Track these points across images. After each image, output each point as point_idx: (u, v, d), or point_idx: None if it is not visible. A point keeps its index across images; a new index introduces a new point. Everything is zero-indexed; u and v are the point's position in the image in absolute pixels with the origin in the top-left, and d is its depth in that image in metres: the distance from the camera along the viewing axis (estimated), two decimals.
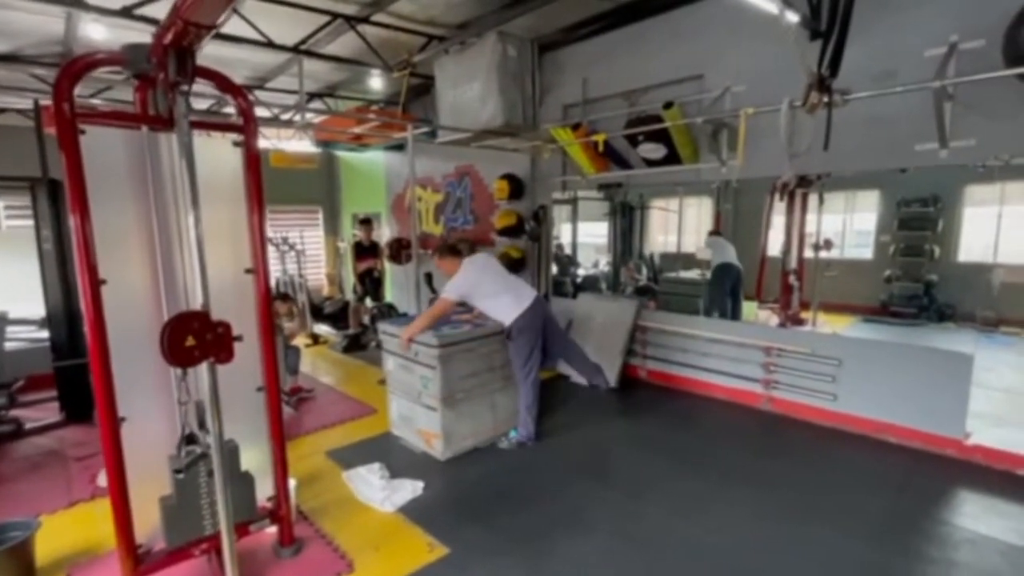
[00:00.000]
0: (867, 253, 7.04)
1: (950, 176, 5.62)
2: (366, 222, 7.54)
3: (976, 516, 2.85)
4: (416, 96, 7.05)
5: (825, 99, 2.97)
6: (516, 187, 6.18)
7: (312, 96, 7.56)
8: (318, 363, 6.29)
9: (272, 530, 2.61)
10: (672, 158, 4.63)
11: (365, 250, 7.41)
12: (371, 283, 7.38)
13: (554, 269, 6.16)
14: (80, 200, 1.93)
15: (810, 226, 5.42)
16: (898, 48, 3.45)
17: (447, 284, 3.72)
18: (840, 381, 3.95)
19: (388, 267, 7.94)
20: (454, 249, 4.03)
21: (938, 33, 3.11)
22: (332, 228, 10.49)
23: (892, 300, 6.60)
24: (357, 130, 6.49)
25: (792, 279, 5.44)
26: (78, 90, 1.93)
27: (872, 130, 3.60)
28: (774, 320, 5.56)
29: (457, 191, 7.37)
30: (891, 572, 2.43)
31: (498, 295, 3.72)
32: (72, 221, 1.94)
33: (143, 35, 3.81)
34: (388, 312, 6.97)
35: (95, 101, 6.25)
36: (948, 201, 6.21)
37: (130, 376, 2.13)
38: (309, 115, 5.97)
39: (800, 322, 5.44)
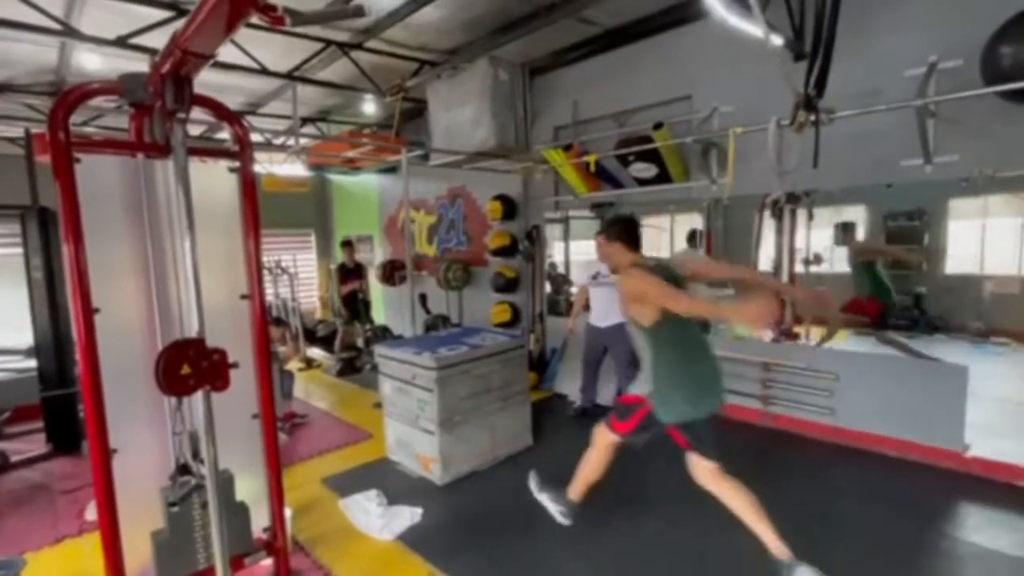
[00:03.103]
0: None
1: (934, 190, 5.70)
2: (347, 244, 7.29)
3: (979, 529, 2.83)
4: (409, 119, 7.12)
5: (812, 118, 3.03)
6: (509, 208, 6.22)
7: (305, 121, 7.61)
8: (312, 388, 6.21)
9: (268, 562, 2.54)
10: (663, 177, 4.70)
11: (349, 272, 7.19)
12: (361, 305, 7.28)
13: (548, 288, 6.17)
14: (74, 228, 1.90)
15: (800, 241, 5.48)
16: (881, 68, 3.55)
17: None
18: (837, 395, 3.95)
19: (381, 289, 7.86)
20: None
21: (918, 53, 3.20)
22: (325, 251, 10.47)
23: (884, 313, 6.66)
24: (351, 154, 6.53)
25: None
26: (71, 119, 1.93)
27: (859, 147, 3.68)
28: (768, 335, 5.58)
29: (450, 212, 7.40)
30: None
31: None
32: (66, 250, 1.91)
33: (136, 64, 3.86)
34: (383, 334, 6.91)
35: (88, 129, 6.27)
36: (933, 215, 6.32)
37: (122, 406, 2.08)
38: (303, 140, 6.01)
39: (794, 336, 5.46)
